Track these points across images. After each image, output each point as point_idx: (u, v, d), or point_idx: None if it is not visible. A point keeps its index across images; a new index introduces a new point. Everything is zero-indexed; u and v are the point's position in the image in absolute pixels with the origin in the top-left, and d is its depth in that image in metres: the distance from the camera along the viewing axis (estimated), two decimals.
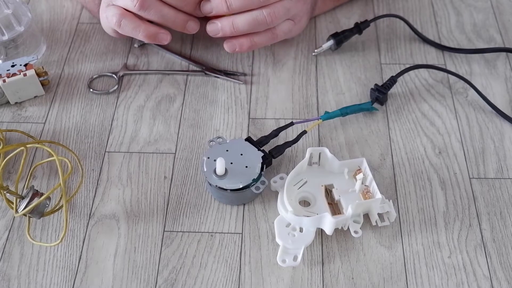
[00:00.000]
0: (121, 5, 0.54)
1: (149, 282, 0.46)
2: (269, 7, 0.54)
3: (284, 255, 0.46)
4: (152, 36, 0.55)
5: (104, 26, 0.59)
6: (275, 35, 0.57)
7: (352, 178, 0.51)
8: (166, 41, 0.56)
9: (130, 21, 0.54)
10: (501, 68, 0.62)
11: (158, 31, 0.55)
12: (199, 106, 0.59)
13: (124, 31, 0.55)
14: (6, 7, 0.59)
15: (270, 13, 0.54)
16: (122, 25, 0.54)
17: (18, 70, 0.57)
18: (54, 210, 0.49)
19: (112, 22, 0.55)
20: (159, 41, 0.56)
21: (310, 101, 0.59)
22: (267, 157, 0.51)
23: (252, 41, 0.57)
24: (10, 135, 0.56)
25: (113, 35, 0.60)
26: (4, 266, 0.47)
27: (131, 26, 0.54)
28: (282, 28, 0.57)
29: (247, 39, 0.56)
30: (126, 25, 0.54)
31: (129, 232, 0.49)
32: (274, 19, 0.55)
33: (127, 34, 0.56)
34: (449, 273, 0.47)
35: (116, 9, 0.54)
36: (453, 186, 0.52)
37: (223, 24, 0.55)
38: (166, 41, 0.56)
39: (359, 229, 0.48)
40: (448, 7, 0.69)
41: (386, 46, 0.64)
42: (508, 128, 0.56)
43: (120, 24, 0.54)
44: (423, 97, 0.59)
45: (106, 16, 0.56)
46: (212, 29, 0.56)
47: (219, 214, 0.50)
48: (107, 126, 0.57)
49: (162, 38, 0.56)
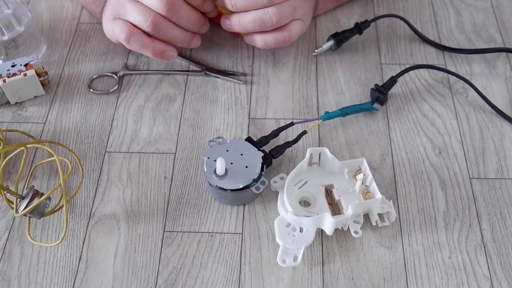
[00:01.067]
0: (131, 21, 0.54)
1: (149, 282, 0.46)
2: (275, 7, 0.54)
3: (284, 255, 0.46)
4: (160, 53, 0.56)
5: (106, 32, 0.59)
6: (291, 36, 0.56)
7: (352, 178, 0.51)
8: (172, 58, 0.57)
9: (139, 39, 0.55)
10: (501, 68, 0.62)
11: (166, 49, 0.56)
12: (199, 106, 0.59)
13: (132, 47, 0.56)
14: (6, 7, 0.59)
15: (276, 13, 0.54)
16: (131, 42, 0.55)
17: (18, 70, 0.57)
18: (54, 210, 0.49)
19: (120, 37, 0.55)
20: (166, 58, 0.57)
21: (310, 101, 0.59)
22: (267, 157, 0.51)
23: (266, 39, 0.56)
24: (10, 135, 0.56)
25: (115, 42, 0.60)
26: (4, 266, 0.47)
27: (139, 43, 0.55)
28: (295, 29, 0.57)
29: (260, 38, 0.57)
30: (135, 42, 0.55)
31: (129, 232, 0.49)
32: (280, 19, 0.54)
33: (134, 50, 0.57)
34: (449, 273, 0.47)
35: (125, 25, 0.54)
36: (453, 186, 0.52)
37: (232, 21, 0.56)
38: (173, 58, 0.57)
39: (359, 229, 0.48)
40: (448, 7, 0.69)
41: (386, 46, 0.64)
42: (508, 128, 0.56)
43: (129, 41, 0.55)
44: (423, 97, 0.59)
45: (113, 30, 0.56)
46: (224, 24, 0.57)
47: (219, 214, 0.50)
48: (107, 126, 0.57)
49: (169, 56, 0.57)
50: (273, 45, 0.57)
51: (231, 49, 0.64)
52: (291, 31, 0.56)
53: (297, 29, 0.57)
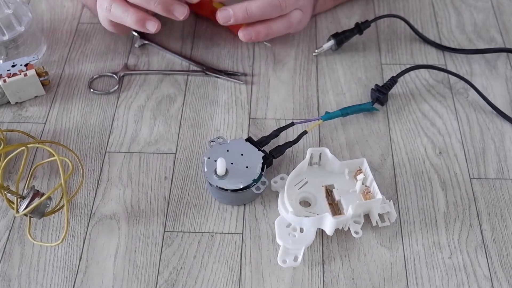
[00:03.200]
0: None
1: (149, 282, 0.46)
2: None
3: (284, 255, 0.46)
4: (141, 21, 0.55)
5: (101, 19, 0.59)
6: (291, 23, 0.58)
7: (353, 178, 0.51)
8: (154, 29, 0.55)
9: (119, 5, 0.55)
10: (502, 69, 0.62)
11: (146, 17, 0.55)
12: (199, 106, 0.59)
13: (114, 16, 0.56)
14: (7, 7, 0.59)
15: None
16: (112, 10, 0.55)
17: (18, 70, 0.57)
18: (55, 210, 0.49)
19: (103, 8, 0.56)
20: (147, 28, 0.55)
21: (310, 101, 0.59)
22: (268, 158, 0.51)
23: (270, 28, 0.57)
24: (11, 135, 0.56)
25: (109, 28, 0.60)
26: (5, 266, 0.47)
27: (120, 10, 0.55)
28: (295, 17, 0.58)
29: (264, 27, 0.57)
30: (116, 8, 0.55)
31: (130, 232, 0.49)
32: (288, 5, 0.56)
33: (117, 20, 0.56)
34: (449, 273, 0.47)
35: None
36: (453, 186, 0.52)
37: (236, 10, 0.55)
38: (154, 29, 0.55)
39: (359, 230, 0.48)
40: (448, 7, 0.69)
41: (386, 46, 0.64)
42: (508, 129, 0.56)
43: (110, 9, 0.55)
44: (424, 98, 0.59)
45: (100, 5, 0.57)
46: (224, 15, 0.56)
47: (219, 214, 0.50)
48: (107, 126, 0.57)
49: (150, 25, 0.55)
50: (276, 33, 0.58)
51: (232, 49, 0.64)
52: (291, 19, 0.58)
53: (297, 18, 0.59)
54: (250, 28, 0.57)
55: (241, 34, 0.58)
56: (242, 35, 0.58)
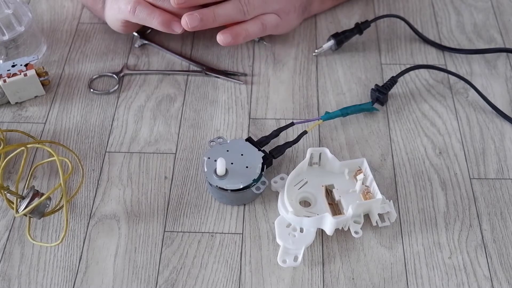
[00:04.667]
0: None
1: (149, 282, 0.46)
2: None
3: (284, 255, 0.46)
4: (167, 23, 0.56)
5: (110, 20, 0.59)
6: (264, 26, 0.58)
7: (353, 178, 0.51)
8: (179, 30, 0.56)
9: (145, 7, 0.55)
10: (502, 69, 0.62)
11: (172, 19, 0.56)
12: (199, 106, 0.59)
13: (138, 18, 0.56)
14: (7, 7, 0.59)
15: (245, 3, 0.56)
16: (137, 12, 0.55)
17: (18, 70, 0.57)
18: (55, 210, 0.49)
19: (126, 11, 0.56)
20: (172, 29, 0.56)
21: (310, 101, 0.59)
22: (268, 158, 0.51)
23: (246, 30, 0.57)
24: (11, 135, 0.56)
25: (119, 29, 0.60)
26: (5, 266, 0.47)
27: (146, 12, 0.55)
28: (269, 20, 0.58)
29: (240, 28, 0.57)
30: (141, 11, 0.55)
31: (130, 232, 0.49)
32: (250, 9, 0.56)
33: (141, 22, 0.56)
34: (449, 273, 0.47)
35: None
36: (453, 186, 0.52)
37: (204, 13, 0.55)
38: (179, 30, 0.56)
39: (359, 230, 0.48)
40: (448, 7, 0.69)
41: (386, 46, 0.64)
42: (508, 129, 0.56)
43: (135, 11, 0.55)
44: (424, 98, 0.59)
45: (119, 7, 0.56)
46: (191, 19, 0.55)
47: (219, 214, 0.50)
48: (107, 126, 0.57)
49: (176, 26, 0.56)
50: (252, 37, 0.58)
51: (232, 49, 0.64)
52: (264, 22, 0.58)
53: (271, 22, 0.59)
54: (228, 32, 0.57)
55: (220, 37, 0.57)
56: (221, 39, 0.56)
